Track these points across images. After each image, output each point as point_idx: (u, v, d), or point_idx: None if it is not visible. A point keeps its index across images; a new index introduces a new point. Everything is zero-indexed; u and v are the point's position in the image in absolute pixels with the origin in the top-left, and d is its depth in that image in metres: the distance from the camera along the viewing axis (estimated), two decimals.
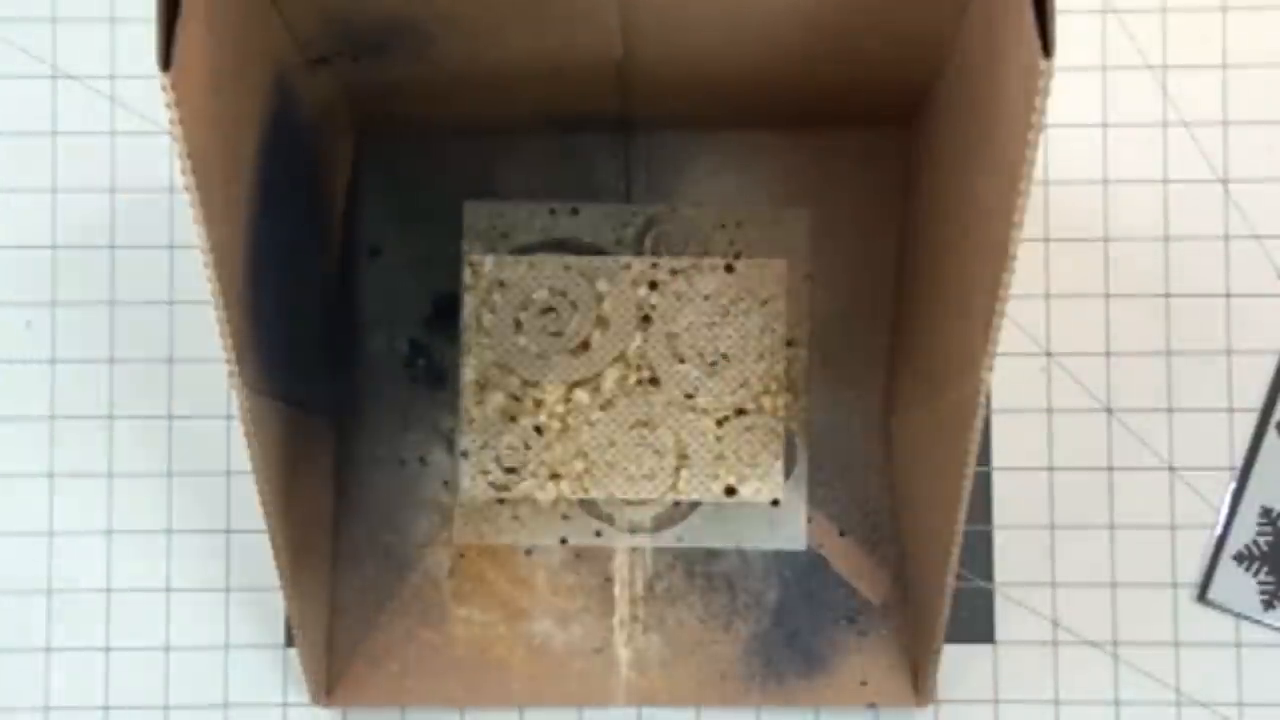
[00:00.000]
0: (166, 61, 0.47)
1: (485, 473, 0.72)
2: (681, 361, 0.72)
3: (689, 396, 0.72)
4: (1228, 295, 0.71)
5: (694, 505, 0.71)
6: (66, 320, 0.73)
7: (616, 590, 0.71)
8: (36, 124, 0.73)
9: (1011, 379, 0.71)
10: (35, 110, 0.73)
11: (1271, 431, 0.71)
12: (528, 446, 0.72)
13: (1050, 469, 0.71)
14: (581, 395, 0.72)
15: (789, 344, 0.72)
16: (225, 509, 0.72)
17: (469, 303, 0.72)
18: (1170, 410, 0.71)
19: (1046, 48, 0.47)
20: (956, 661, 0.70)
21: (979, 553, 0.71)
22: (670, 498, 0.71)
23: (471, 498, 0.72)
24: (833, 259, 0.72)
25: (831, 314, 0.72)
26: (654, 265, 0.72)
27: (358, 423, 0.72)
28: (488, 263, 0.72)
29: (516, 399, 0.72)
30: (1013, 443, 0.71)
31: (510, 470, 0.72)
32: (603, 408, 0.72)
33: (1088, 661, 0.71)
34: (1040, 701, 0.71)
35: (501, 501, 0.72)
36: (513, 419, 0.72)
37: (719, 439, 0.72)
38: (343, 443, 0.72)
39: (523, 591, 0.71)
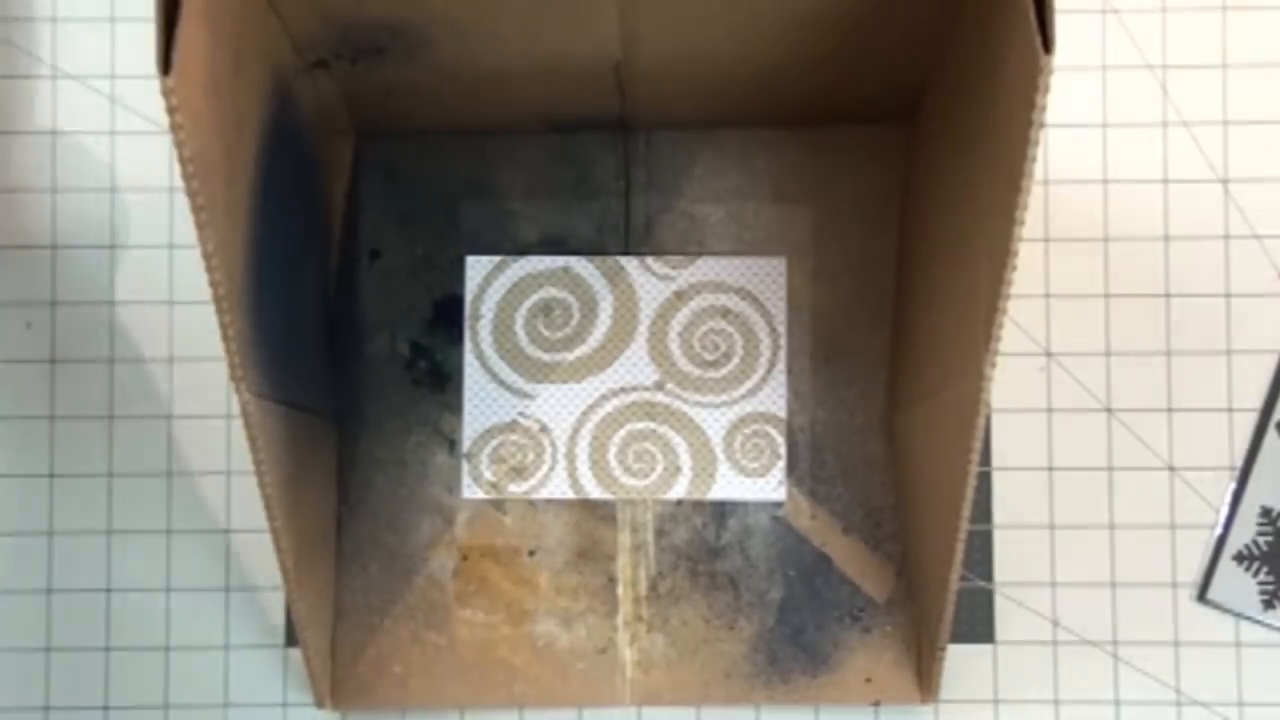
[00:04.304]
0: (166, 65, 0.47)
1: (487, 474, 0.72)
2: (682, 361, 0.72)
3: (689, 396, 0.72)
4: (1228, 295, 0.71)
5: (696, 505, 0.72)
6: (66, 320, 0.73)
7: (620, 590, 0.71)
8: (36, 124, 0.73)
9: (1011, 379, 0.71)
10: (35, 110, 0.73)
11: (1271, 431, 0.71)
12: (529, 447, 0.72)
13: (1050, 469, 0.71)
14: (583, 396, 0.72)
15: (790, 342, 0.72)
16: (225, 509, 0.72)
17: (469, 304, 0.72)
18: (1170, 410, 0.71)
19: (1046, 44, 0.47)
20: (956, 661, 0.70)
21: (979, 553, 0.71)
22: (672, 497, 0.71)
23: (474, 499, 0.72)
24: (834, 256, 0.72)
25: (833, 311, 0.72)
26: (654, 265, 0.72)
27: (359, 425, 0.72)
28: (488, 264, 0.72)
29: (518, 400, 0.72)
30: (1013, 443, 0.71)
31: (512, 471, 0.72)
32: (604, 408, 0.72)
33: (1088, 661, 0.71)
34: (1040, 701, 0.71)
35: (504, 502, 0.72)
36: (514, 420, 0.72)
37: (720, 438, 0.72)
38: (345, 445, 0.72)
39: (526, 592, 0.71)
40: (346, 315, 0.72)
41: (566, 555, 0.71)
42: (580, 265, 0.72)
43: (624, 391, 0.72)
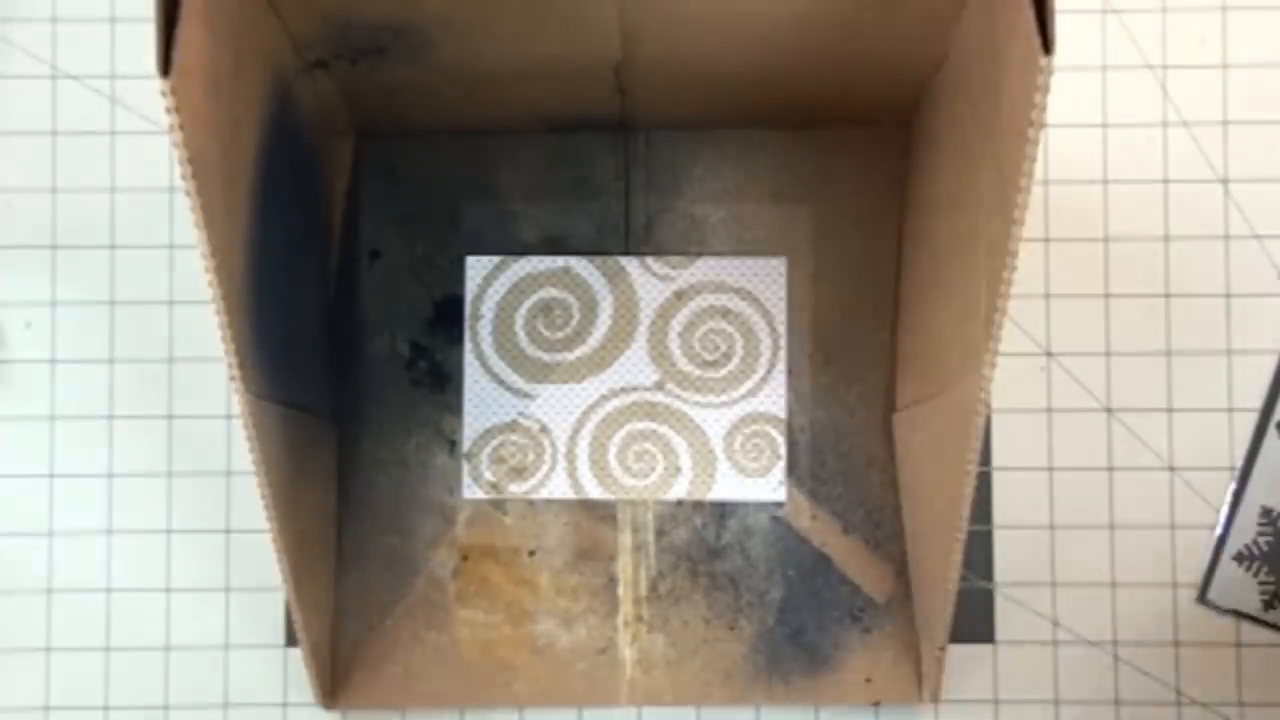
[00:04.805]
0: (166, 66, 0.47)
1: (487, 474, 0.72)
2: (682, 361, 0.72)
3: (689, 396, 0.72)
4: (1228, 295, 0.71)
5: (696, 505, 0.72)
6: (66, 320, 0.73)
7: (620, 590, 0.71)
8: (36, 124, 0.73)
9: (1011, 379, 0.71)
10: (35, 110, 0.73)
11: (1271, 431, 0.71)
12: (530, 447, 0.72)
13: (1050, 469, 0.71)
14: (583, 395, 0.72)
15: (790, 343, 0.72)
16: (225, 509, 0.72)
17: (469, 304, 0.72)
18: (1170, 410, 0.71)
19: (1046, 44, 0.47)
20: (956, 661, 0.70)
21: (979, 553, 0.71)
22: (672, 497, 0.71)
23: (474, 499, 0.72)
24: (834, 257, 0.72)
25: (833, 312, 0.72)
26: (654, 265, 0.72)
27: (360, 425, 0.72)
28: (488, 264, 0.72)
29: (518, 400, 0.72)
30: (1013, 443, 0.71)
31: (513, 471, 0.72)
32: (604, 408, 0.72)
33: (1088, 661, 0.71)
34: (1040, 701, 0.71)
35: (504, 502, 0.72)
36: (514, 420, 0.72)
37: (720, 438, 0.72)
38: (345, 445, 0.72)
39: (526, 593, 0.71)
40: (346, 315, 0.72)
41: (567, 555, 0.71)
42: (580, 265, 0.72)
43: (624, 391, 0.72)
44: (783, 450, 0.72)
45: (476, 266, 0.72)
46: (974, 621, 0.71)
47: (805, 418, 0.72)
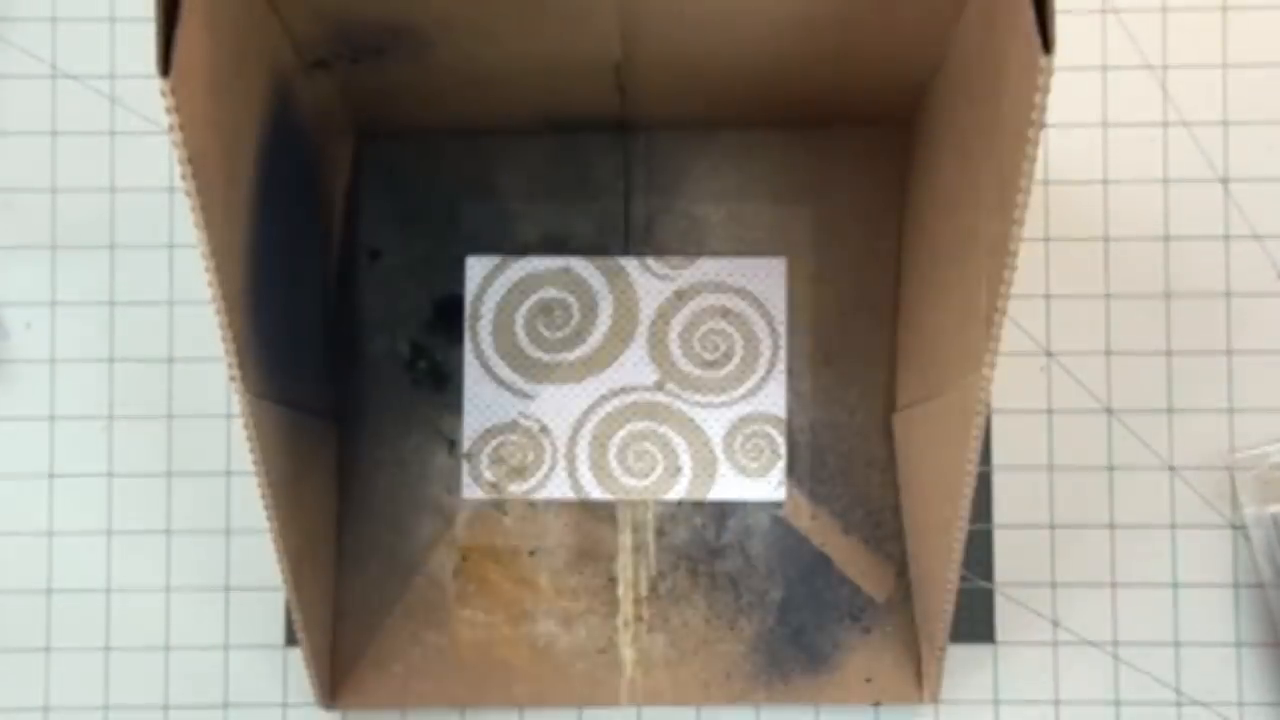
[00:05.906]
0: (166, 66, 0.47)
1: (487, 474, 0.72)
2: (682, 361, 0.72)
3: (689, 396, 0.72)
4: (1228, 295, 0.71)
5: (696, 505, 0.72)
6: (66, 320, 0.73)
7: (620, 590, 0.71)
8: (36, 124, 0.73)
9: (1011, 379, 0.71)
10: (35, 110, 0.73)
11: None
12: (529, 447, 0.72)
13: (1050, 469, 0.71)
14: (583, 395, 0.72)
15: (790, 343, 0.72)
16: (225, 509, 0.72)
17: (469, 304, 0.72)
18: (1170, 410, 0.71)
19: (1047, 44, 0.47)
20: (956, 661, 0.70)
21: (979, 553, 0.71)
22: (673, 497, 0.71)
23: (474, 499, 0.72)
24: (834, 257, 0.72)
25: (833, 312, 0.72)
26: (654, 265, 0.72)
27: (359, 425, 0.72)
28: (488, 264, 0.72)
29: (518, 400, 0.72)
30: (1013, 443, 0.71)
31: (512, 471, 0.72)
32: (604, 408, 0.72)
33: (1088, 661, 0.71)
34: (1040, 701, 0.71)
35: (504, 502, 0.72)
36: (514, 420, 0.72)
37: (720, 438, 0.72)
38: (345, 445, 0.72)
39: (526, 592, 0.71)
40: (346, 315, 0.72)
41: (566, 555, 0.71)
42: (580, 265, 0.72)
43: (624, 391, 0.72)
44: (783, 450, 0.72)
45: (476, 266, 0.72)
46: (974, 621, 0.71)
47: (805, 418, 0.72)
